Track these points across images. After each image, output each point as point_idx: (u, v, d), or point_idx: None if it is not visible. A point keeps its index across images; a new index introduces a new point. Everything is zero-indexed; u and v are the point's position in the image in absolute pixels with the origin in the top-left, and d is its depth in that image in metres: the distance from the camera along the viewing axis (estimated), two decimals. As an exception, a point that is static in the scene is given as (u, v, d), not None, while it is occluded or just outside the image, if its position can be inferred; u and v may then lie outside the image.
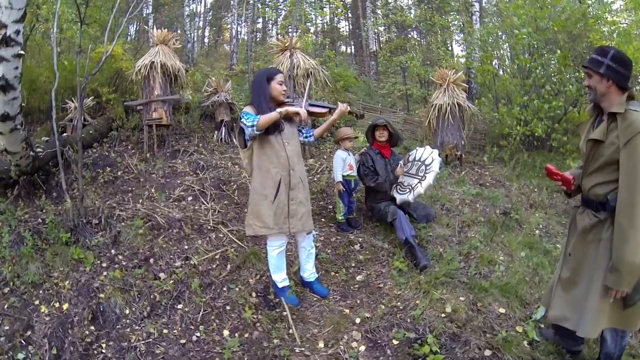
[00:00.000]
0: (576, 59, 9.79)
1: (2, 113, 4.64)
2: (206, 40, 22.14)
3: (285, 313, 3.77)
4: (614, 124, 2.54)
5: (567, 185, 2.92)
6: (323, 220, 5.46)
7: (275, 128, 3.63)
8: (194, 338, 3.63)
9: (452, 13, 16.23)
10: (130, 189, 5.96)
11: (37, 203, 5.62)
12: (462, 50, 16.21)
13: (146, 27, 11.33)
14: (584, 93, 8.11)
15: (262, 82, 3.69)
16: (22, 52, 4.47)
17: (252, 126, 3.48)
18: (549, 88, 8.21)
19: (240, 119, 3.62)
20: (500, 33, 11.75)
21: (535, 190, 6.96)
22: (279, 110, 3.52)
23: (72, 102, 7.83)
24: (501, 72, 11.92)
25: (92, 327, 3.81)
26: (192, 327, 3.74)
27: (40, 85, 8.32)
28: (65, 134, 7.15)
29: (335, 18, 21.38)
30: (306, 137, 3.99)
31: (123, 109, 8.38)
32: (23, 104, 4.87)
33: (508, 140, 8.22)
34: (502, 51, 12.40)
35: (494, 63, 12.18)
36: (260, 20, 21.80)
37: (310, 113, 3.82)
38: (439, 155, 5.11)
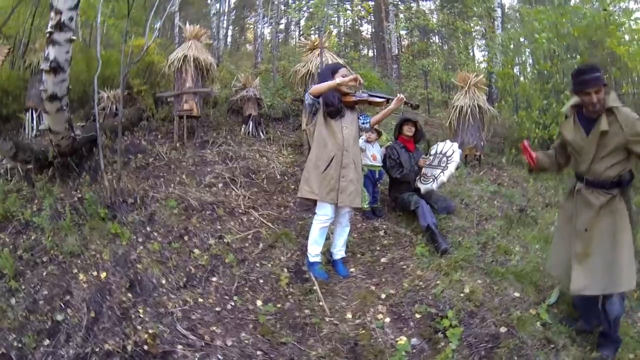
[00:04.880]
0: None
1: (51, 93, 4.93)
2: (229, 39, 22.46)
3: (315, 287, 4.01)
4: (613, 117, 3.06)
5: (533, 162, 3.51)
6: (352, 210, 5.65)
7: (338, 113, 4.09)
8: (229, 306, 3.87)
9: (474, 18, 16.32)
10: (162, 174, 6.21)
11: (70, 184, 5.88)
12: (483, 56, 16.30)
13: (180, 24, 11.62)
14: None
15: (327, 75, 4.19)
16: (74, 37, 4.77)
17: (306, 92, 4.10)
18: (568, 93, 8.30)
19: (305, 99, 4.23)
20: (522, 39, 11.82)
21: (552, 190, 7.09)
22: (337, 80, 4.01)
23: (105, 91, 8.13)
24: (522, 79, 11.99)
25: (130, 294, 4.04)
26: (226, 297, 3.99)
27: (71, 76, 8.56)
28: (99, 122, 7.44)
29: (358, 21, 21.55)
30: (363, 122, 4.42)
31: (153, 100, 8.68)
32: (70, 87, 5.16)
33: (527, 143, 8.33)
34: (523, 57, 12.45)
35: (515, 69, 12.30)
36: (284, 21, 22.10)
37: (369, 102, 4.22)
38: (461, 157, 5.35)
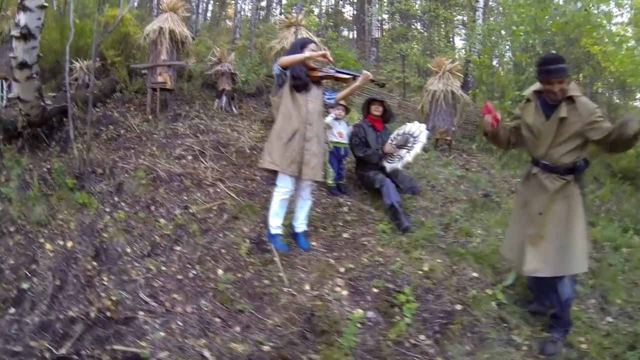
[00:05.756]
0: (571, 63, 10.08)
1: (20, 61, 4.88)
2: (209, 14, 22.25)
3: (275, 258, 4.10)
4: (572, 105, 3.23)
5: (495, 123, 3.46)
6: (315, 184, 5.74)
7: (304, 87, 4.13)
8: (191, 275, 3.94)
9: (457, 8, 16.41)
10: (132, 146, 6.19)
11: (39, 155, 5.84)
12: (464, 45, 16.45)
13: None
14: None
15: (296, 49, 4.21)
16: (46, 3, 4.72)
17: (276, 62, 4.09)
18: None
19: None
20: (503, 32, 11.95)
21: (519, 179, 7.22)
22: (306, 53, 4.05)
23: (78, 62, 8.04)
24: (500, 70, 12.16)
25: (95, 263, 4.10)
26: (188, 265, 4.06)
27: (43, 45, 8.45)
28: (70, 92, 7.35)
29: (341, 2, 21.55)
30: (328, 98, 4.47)
31: (127, 72, 8.60)
32: (40, 55, 5.11)
33: (497, 131, 8.46)
34: (502, 49, 12.60)
35: (494, 60, 12.45)
36: (265, -2, 21.95)
37: (335, 78, 4.25)
38: (427, 137, 5.44)
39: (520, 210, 3.69)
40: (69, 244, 4.30)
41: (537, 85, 3.47)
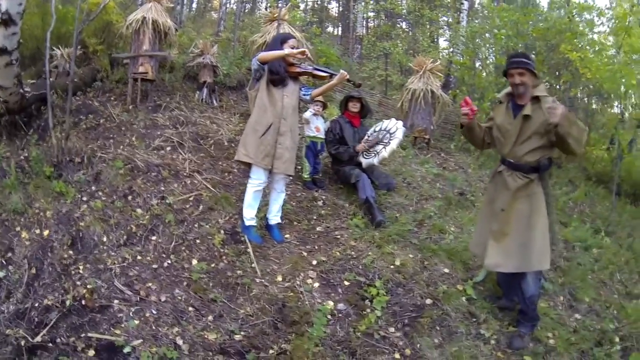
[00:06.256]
0: (551, 68, 10.29)
1: (0, 47, 4.84)
2: (194, 5, 22.08)
3: (248, 249, 4.17)
4: (537, 104, 3.32)
5: (471, 113, 3.54)
6: (291, 177, 5.80)
7: (280, 82, 4.18)
8: (165, 264, 4.00)
9: (442, 9, 16.54)
10: (112, 136, 6.15)
11: (17, 143, 5.78)
12: (448, 45, 16.58)
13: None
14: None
15: (276, 44, 4.27)
16: (29, -12, 4.67)
17: (255, 57, 4.12)
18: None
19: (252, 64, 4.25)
20: (487, 35, 12.09)
21: (494, 179, 7.37)
22: (285, 50, 4.09)
23: (59, 49, 7.97)
24: (483, 72, 12.31)
25: (71, 252, 4.11)
26: (164, 255, 4.11)
27: (24, 31, 8.32)
28: (50, 80, 7.29)
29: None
30: (304, 94, 4.50)
31: (109, 61, 8.52)
32: (21, 41, 5.06)
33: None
34: (486, 52, 12.74)
35: (476, 62, 12.61)
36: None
37: (312, 75, 4.31)
38: (405, 134, 5.53)
39: (487, 207, 3.82)
40: (46, 232, 4.30)
41: (509, 88, 3.58)
